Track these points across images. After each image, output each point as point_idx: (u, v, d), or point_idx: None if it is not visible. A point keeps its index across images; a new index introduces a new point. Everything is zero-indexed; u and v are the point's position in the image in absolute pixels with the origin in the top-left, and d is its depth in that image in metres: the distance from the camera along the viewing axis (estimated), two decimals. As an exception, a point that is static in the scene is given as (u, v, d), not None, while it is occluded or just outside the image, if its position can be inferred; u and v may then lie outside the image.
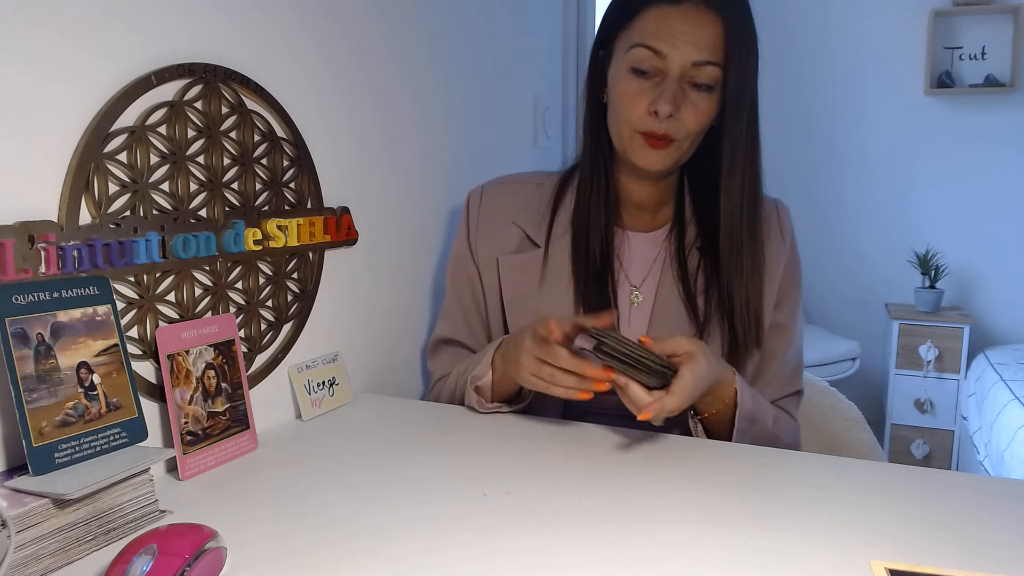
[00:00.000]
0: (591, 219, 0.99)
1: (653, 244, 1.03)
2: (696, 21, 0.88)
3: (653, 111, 0.90)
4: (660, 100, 0.89)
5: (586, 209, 1.00)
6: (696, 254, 1.00)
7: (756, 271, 0.96)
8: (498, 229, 1.06)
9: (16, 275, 0.64)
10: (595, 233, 0.99)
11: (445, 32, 1.28)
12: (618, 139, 0.96)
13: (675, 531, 0.66)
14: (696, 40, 0.88)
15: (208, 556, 0.57)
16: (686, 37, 0.88)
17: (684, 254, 1.00)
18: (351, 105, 1.06)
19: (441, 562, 0.60)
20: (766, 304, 0.98)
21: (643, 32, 0.90)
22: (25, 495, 0.59)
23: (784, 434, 0.99)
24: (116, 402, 0.69)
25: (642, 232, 1.04)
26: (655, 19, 0.90)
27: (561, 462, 0.82)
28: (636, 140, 0.94)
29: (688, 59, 0.89)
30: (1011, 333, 3.20)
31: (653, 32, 0.89)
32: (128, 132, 0.75)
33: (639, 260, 1.03)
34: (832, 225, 3.35)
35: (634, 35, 0.91)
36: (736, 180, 0.94)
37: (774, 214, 1.04)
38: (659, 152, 0.93)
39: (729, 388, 0.91)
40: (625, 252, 1.03)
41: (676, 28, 0.88)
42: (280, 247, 0.93)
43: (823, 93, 3.34)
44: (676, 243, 1.02)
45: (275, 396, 0.95)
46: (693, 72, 0.90)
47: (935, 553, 0.62)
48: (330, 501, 0.72)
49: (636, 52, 0.91)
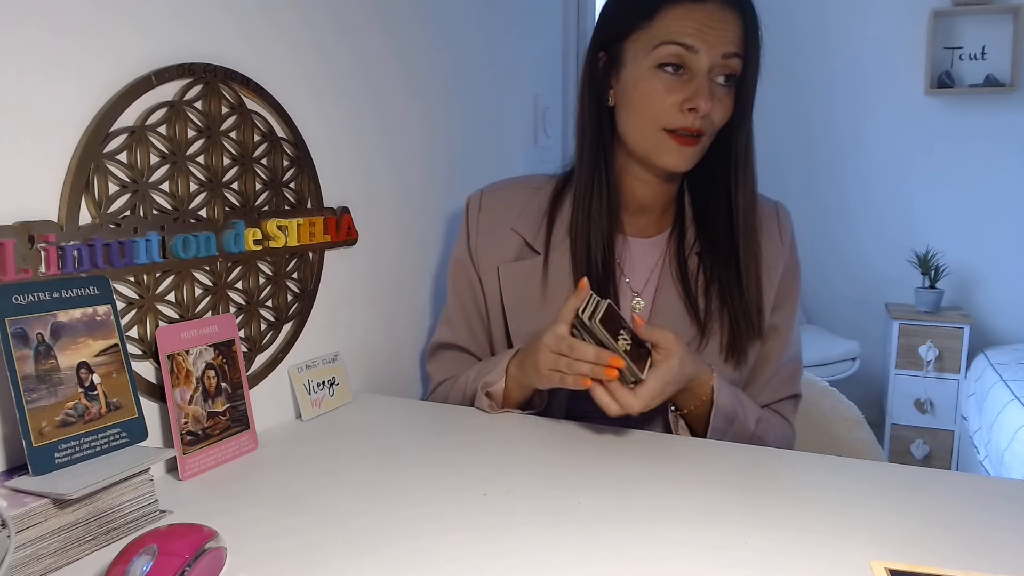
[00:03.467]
0: (592, 226, 0.99)
1: (654, 249, 1.03)
2: (722, 16, 0.90)
3: (689, 108, 0.90)
4: (698, 96, 0.90)
5: (586, 216, 0.99)
6: (696, 256, 1.01)
7: (754, 265, 0.97)
8: (497, 235, 1.06)
9: (16, 275, 0.64)
10: (596, 240, 0.99)
11: (445, 32, 1.28)
12: (640, 140, 0.95)
13: (675, 531, 0.66)
14: (724, 33, 0.90)
15: (208, 556, 0.57)
16: (714, 31, 0.89)
17: (684, 256, 1.00)
18: (351, 105, 1.06)
19: (441, 562, 0.60)
20: (765, 298, 0.99)
21: (669, 29, 0.90)
22: (25, 495, 0.59)
23: (769, 437, 0.99)
24: (116, 402, 0.69)
25: (643, 238, 1.04)
26: (680, 16, 0.90)
27: (561, 462, 0.82)
28: (664, 140, 0.93)
29: (718, 52, 0.89)
30: (1011, 333, 3.20)
31: (680, 29, 0.89)
32: (128, 132, 0.75)
33: (640, 266, 1.03)
34: (832, 225, 3.35)
35: (658, 33, 0.91)
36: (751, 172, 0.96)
37: (774, 216, 1.04)
38: (688, 150, 0.93)
39: (706, 386, 0.91)
40: (627, 259, 1.03)
41: (704, 23, 0.89)
42: (280, 247, 0.93)
43: (823, 93, 3.34)
44: (676, 245, 1.02)
45: (275, 396, 0.95)
46: (722, 63, 0.90)
47: (935, 553, 0.62)
48: (330, 501, 0.72)
49: (664, 49, 0.90)
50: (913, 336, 3.01)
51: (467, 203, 1.10)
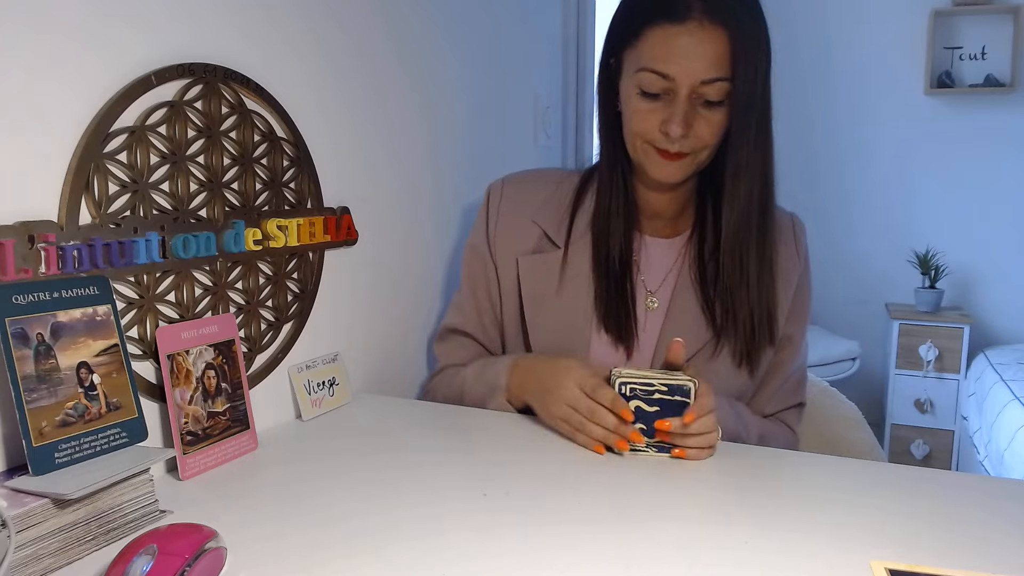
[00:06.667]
0: (611, 223, 1.00)
1: (672, 250, 1.03)
2: (701, 38, 0.86)
3: (664, 132, 0.90)
4: (671, 122, 0.88)
5: (606, 214, 1.00)
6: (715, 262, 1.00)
7: (766, 274, 0.96)
8: (517, 226, 1.05)
9: (16, 275, 0.64)
10: (615, 237, 0.99)
11: (445, 32, 1.28)
12: (632, 151, 0.96)
13: (675, 531, 0.66)
14: (703, 57, 0.86)
15: (208, 556, 0.57)
16: (692, 56, 0.86)
17: (704, 260, 1.00)
18: (351, 105, 1.06)
19: (441, 562, 0.60)
20: (780, 307, 0.99)
21: (649, 56, 0.88)
22: (25, 495, 0.59)
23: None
24: (116, 402, 0.69)
25: (661, 238, 1.04)
26: (661, 41, 0.87)
27: (561, 462, 0.82)
28: (650, 153, 0.94)
29: (696, 78, 0.87)
30: (1011, 333, 3.20)
31: (660, 55, 0.87)
32: (128, 132, 0.75)
33: (656, 266, 1.03)
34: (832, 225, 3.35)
35: (641, 58, 0.89)
36: (742, 187, 0.93)
37: (790, 227, 1.04)
38: (674, 164, 0.93)
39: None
40: (643, 257, 1.03)
41: (682, 48, 0.86)
42: (280, 247, 0.93)
43: (823, 93, 3.34)
44: (696, 249, 1.01)
45: (275, 396, 0.95)
46: (702, 89, 0.88)
47: (935, 553, 0.62)
48: (330, 501, 0.72)
49: (643, 76, 0.89)
50: (913, 336, 3.01)
51: (488, 191, 1.10)
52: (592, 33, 1.88)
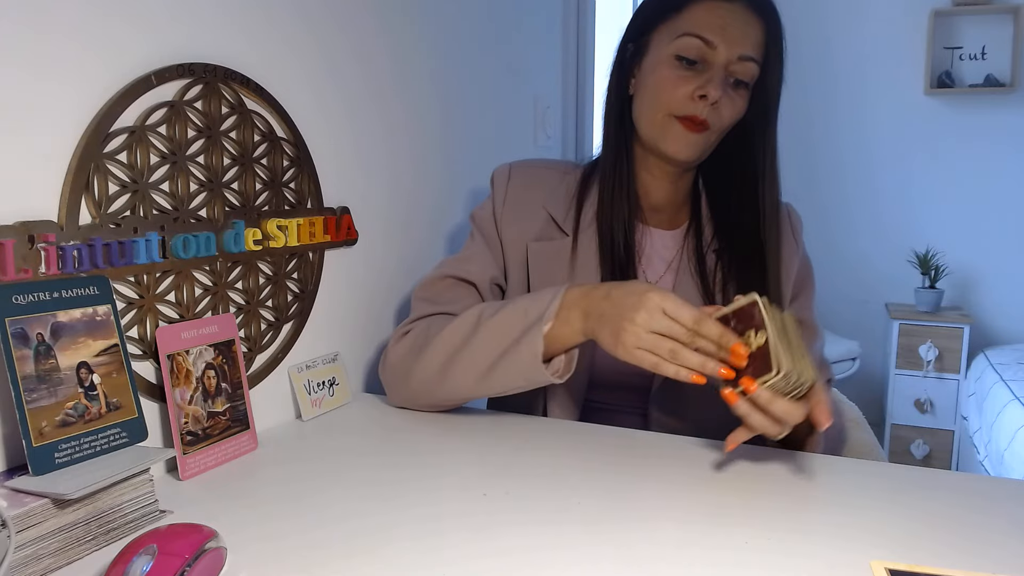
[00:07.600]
0: (614, 213, 1.01)
1: (673, 242, 1.05)
2: (746, 20, 0.92)
3: (700, 95, 0.92)
4: (709, 85, 0.92)
5: (609, 203, 1.01)
6: (713, 254, 1.02)
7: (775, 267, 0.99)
8: (526, 209, 1.05)
9: (16, 275, 0.64)
10: (618, 226, 1.00)
11: (445, 32, 1.28)
12: (649, 126, 0.97)
13: (675, 531, 0.66)
14: (744, 35, 0.92)
15: (208, 556, 0.57)
16: (735, 31, 0.91)
17: (703, 252, 1.02)
18: (351, 105, 1.06)
19: (441, 562, 0.60)
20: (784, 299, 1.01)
21: (693, 22, 0.92)
22: (25, 495, 0.59)
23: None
24: (116, 402, 0.69)
25: (663, 229, 1.05)
26: (706, 11, 0.92)
27: (561, 462, 0.82)
28: (670, 125, 0.95)
29: (735, 52, 0.91)
30: (1011, 333, 3.20)
31: (704, 23, 0.92)
32: (128, 132, 0.75)
33: (658, 257, 1.04)
34: (832, 225, 3.35)
35: (683, 25, 0.93)
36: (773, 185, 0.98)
37: (787, 218, 1.06)
38: (693, 137, 0.94)
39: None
40: (646, 247, 1.04)
41: (727, 21, 0.92)
42: (280, 247, 0.93)
43: (823, 93, 3.34)
44: (695, 241, 1.03)
45: (275, 396, 0.95)
46: (735, 66, 0.92)
47: (935, 553, 0.62)
48: (330, 501, 0.72)
49: (685, 40, 0.92)
50: (913, 336, 3.01)
51: (494, 174, 1.09)
52: (592, 33, 1.89)
